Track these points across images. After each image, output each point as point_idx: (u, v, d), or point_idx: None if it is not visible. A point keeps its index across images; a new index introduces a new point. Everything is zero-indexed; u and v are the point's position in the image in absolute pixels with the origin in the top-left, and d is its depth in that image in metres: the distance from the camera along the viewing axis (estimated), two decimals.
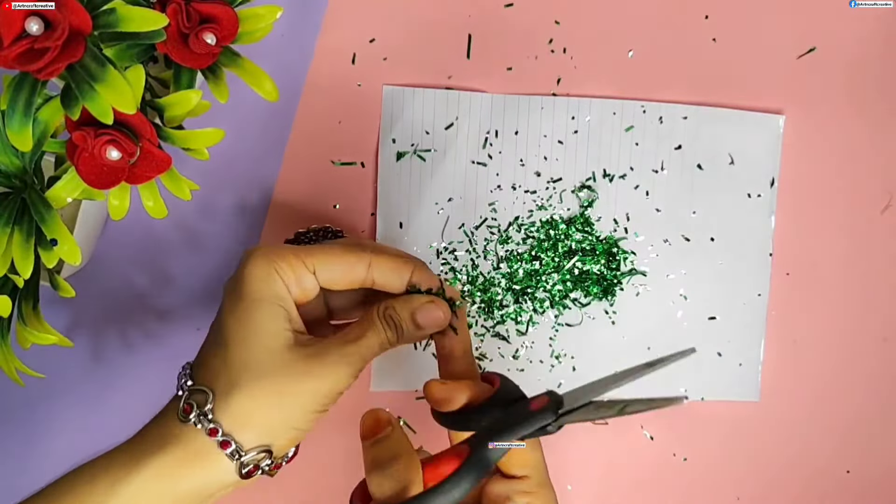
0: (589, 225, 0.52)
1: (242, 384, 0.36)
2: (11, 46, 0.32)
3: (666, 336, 0.52)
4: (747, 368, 0.53)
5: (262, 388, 0.36)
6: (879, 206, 0.54)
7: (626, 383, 0.37)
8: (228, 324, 0.37)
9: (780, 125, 0.52)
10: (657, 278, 0.52)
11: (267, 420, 0.36)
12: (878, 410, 0.54)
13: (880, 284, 0.54)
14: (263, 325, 0.37)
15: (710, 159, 0.52)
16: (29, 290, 0.41)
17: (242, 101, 0.46)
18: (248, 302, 0.37)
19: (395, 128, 0.51)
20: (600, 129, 0.52)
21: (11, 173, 0.39)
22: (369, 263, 0.40)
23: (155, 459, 0.35)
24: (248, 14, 0.39)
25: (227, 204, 0.52)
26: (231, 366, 0.36)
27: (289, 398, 0.36)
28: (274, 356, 0.37)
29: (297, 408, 0.37)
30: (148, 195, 0.39)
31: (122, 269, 0.51)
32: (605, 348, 0.52)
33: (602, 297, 0.52)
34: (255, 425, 0.36)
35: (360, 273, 0.40)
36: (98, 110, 0.34)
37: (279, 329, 0.37)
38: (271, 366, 0.36)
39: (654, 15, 0.52)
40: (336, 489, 0.52)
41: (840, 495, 0.54)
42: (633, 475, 0.53)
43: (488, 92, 0.51)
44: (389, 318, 0.40)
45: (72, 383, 0.51)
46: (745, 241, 0.53)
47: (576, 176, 0.52)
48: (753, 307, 0.53)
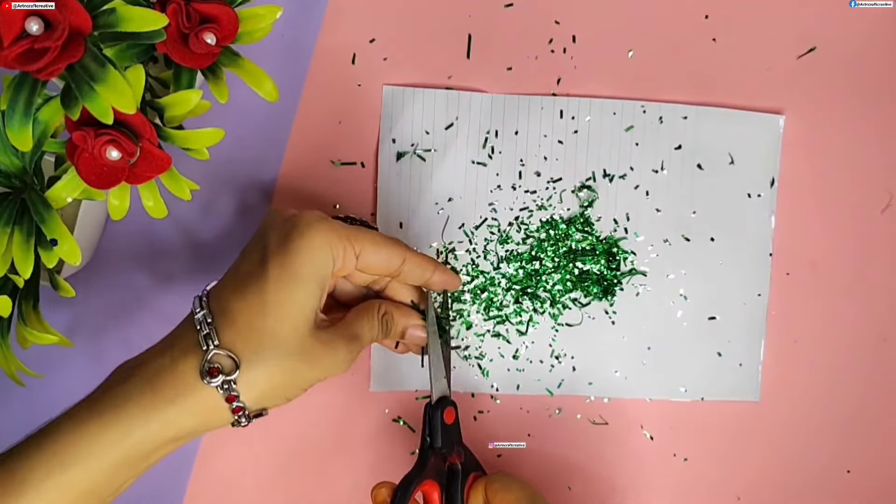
0: (589, 225, 0.52)
1: (268, 360, 0.38)
2: (11, 46, 0.32)
3: (666, 336, 0.52)
4: (747, 369, 0.53)
5: (282, 367, 0.38)
6: (880, 205, 0.54)
7: None
8: (272, 292, 0.39)
9: (780, 125, 0.52)
10: (657, 278, 0.52)
11: (271, 389, 0.39)
12: (879, 410, 0.54)
13: (880, 284, 0.54)
14: (303, 305, 0.39)
15: (710, 159, 0.52)
16: (29, 290, 0.41)
17: (242, 101, 0.46)
18: (298, 281, 0.39)
19: (395, 128, 0.51)
20: (600, 129, 0.52)
21: (11, 173, 0.39)
22: (404, 259, 0.43)
23: (169, 411, 0.37)
24: (248, 14, 0.39)
25: (227, 204, 0.52)
26: (262, 337, 0.38)
27: (299, 378, 0.39)
28: (299, 339, 0.39)
29: (298, 387, 0.40)
30: (148, 195, 0.39)
31: (122, 269, 0.51)
32: (605, 348, 0.52)
33: (602, 297, 0.52)
34: (260, 392, 0.38)
35: (395, 264, 0.43)
36: (98, 110, 0.34)
37: (312, 311, 0.40)
38: (295, 347, 0.39)
39: (655, 15, 0.52)
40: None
41: (840, 495, 0.54)
42: (633, 475, 0.53)
43: (488, 92, 0.51)
44: (385, 323, 0.44)
45: (72, 383, 0.51)
46: (745, 241, 0.53)
47: (576, 176, 0.52)
48: (753, 307, 0.53)
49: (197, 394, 0.37)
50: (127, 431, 0.36)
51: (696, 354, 0.53)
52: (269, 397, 0.39)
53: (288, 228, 0.40)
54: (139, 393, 0.37)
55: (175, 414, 0.37)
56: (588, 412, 0.53)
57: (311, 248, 0.39)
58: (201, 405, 0.37)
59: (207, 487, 0.51)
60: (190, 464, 0.51)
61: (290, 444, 0.52)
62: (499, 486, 0.44)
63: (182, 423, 0.37)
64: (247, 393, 0.38)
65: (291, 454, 0.52)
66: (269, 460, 0.52)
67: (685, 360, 0.53)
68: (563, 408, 0.53)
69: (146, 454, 0.37)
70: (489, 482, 0.45)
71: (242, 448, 0.51)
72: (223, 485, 0.51)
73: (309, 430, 0.52)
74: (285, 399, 0.40)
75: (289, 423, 0.51)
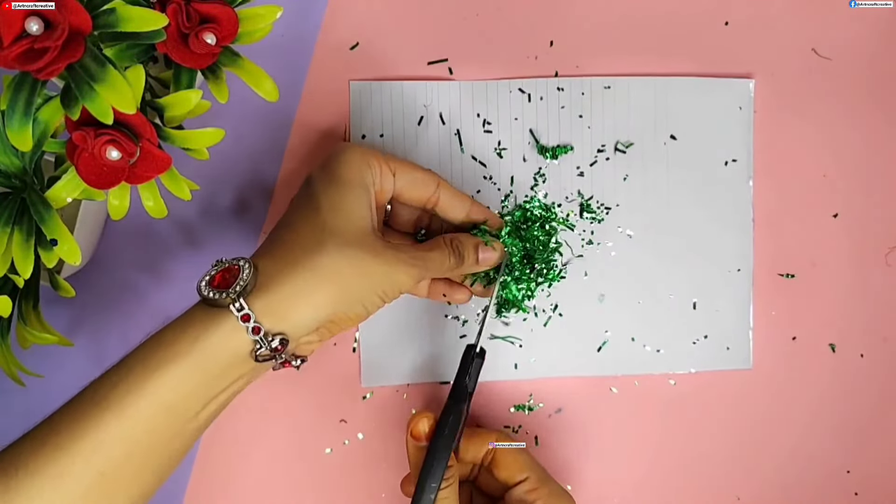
0: (549, 210, 0.51)
1: (332, 252, 0.38)
2: (11, 46, 0.32)
3: (651, 315, 0.52)
4: (736, 339, 0.53)
5: (347, 258, 0.38)
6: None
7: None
8: (321, 198, 0.40)
9: (750, 89, 0.52)
10: (639, 252, 0.52)
11: (342, 290, 0.38)
12: (879, 410, 0.54)
13: (880, 284, 0.54)
14: (356, 204, 0.40)
15: (682, 128, 0.52)
16: (29, 290, 0.41)
17: (242, 101, 0.46)
18: (343, 183, 0.41)
19: (363, 123, 0.51)
20: (570, 108, 0.52)
21: (11, 173, 0.39)
22: (438, 184, 0.45)
23: (224, 326, 0.37)
24: (248, 14, 0.39)
25: (227, 204, 0.52)
26: (323, 233, 0.39)
27: (368, 272, 0.39)
28: (360, 232, 0.40)
29: (364, 288, 0.39)
30: (148, 195, 0.39)
31: (122, 269, 0.51)
32: (588, 331, 0.52)
33: (545, 278, 0.51)
34: (330, 296, 0.38)
35: (430, 189, 0.45)
36: (98, 110, 0.34)
37: (367, 213, 0.41)
38: (356, 238, 0.39)
39: (665, 21, 0.52)
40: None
41: (840, 495, 0.54)
42: (633, 476, 0.53)
43: (458, 80, 0.51)
44: (456, 248, 0.44)
45: (72, 383, 0.50)
46: (724, 208, 0.52)
47: (548, 158, 0.52)
48: (740, 274, 0.53)
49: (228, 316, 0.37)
50: (196, 338, 0.36)
51: (682, 328, 0.52)
52: (343, 301, 0.38)
53: (326, 159, 0.43)
54: (203, 311, 0.38)
55: (230, 329, 0.37)
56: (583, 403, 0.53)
57: (350, 161, 0.42)
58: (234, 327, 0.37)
59: (208, 487, 0.51)
60: (190, 464, 0.51)
61: (290, 444, 0.52)
62: (507, 447, 0.46)
63: (238, 340, 0.37)
64: (317, 298, 0.37)
65: (291, 454, 0.52)
66: (268, 460, 0.52)
67: (677, 343, 0.53)
68: (563, 408, 0.53)
69: (219, 372, 0.37)
70: (496, 438, 0.47)
71: (242, 448, 0.51)
72: (223, 485, 0.51)
73: (308, 429, 0.52)
74: (361, 305, 0.39)
75: (289, 423, 0.51)
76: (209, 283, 0.38)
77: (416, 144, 0.51)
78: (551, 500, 0.45)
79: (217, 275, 0.38)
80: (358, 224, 0.40)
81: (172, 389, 0.36)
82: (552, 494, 0.46)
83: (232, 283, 0.37)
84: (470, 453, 0.47)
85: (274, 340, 0.37)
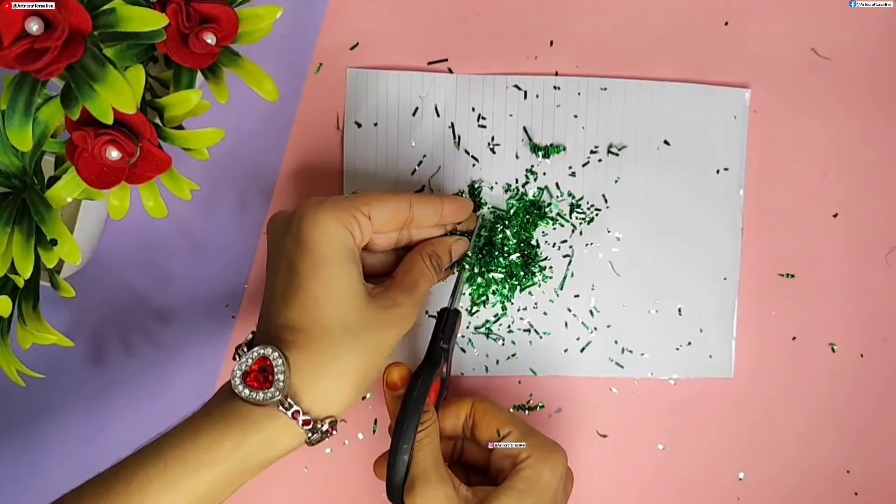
0: (539, 208, 0.51)
1: (344, 344, 0.38)
2: (11, 46, 0.32)
3: (636, 320, 0.52)
4: (720, 347, 0.53)
5: (360, 345, 0.39)
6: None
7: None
8: (312, 287, 0.39)
9: (746, 99, 0.52)
10: (627, 257, 0.52)
11: (361, 372, 0.39)
12: (879, 410, 0.54)
13: (880, 284, 0.54)
14: (346, 282, 0.40)
15: (676, 135, 0.52)
16: (29, 290, 0.41)
17: (242, 101, 0.46)
18: (328, 263, 0.39)
19: (358, 111, 0.51)
20: (565, 108, 0.52)
21: (11, 173, 0.39)
22: (410, 202, 0.44)
23: (269, 427, 0.38)
24: (248, 14, 0.39)
25: (227, 204, 0.52)
26: (328, 328, 0.39)
27: (379, 346, 0.40)
28: (360, 312, 0.39)
29: (381, 355, 0.40)
30: (148, 195, 0.39)
31: (123, 270, 0.51)
32: (572, 332, 0.52)
33: (526, 271, 0.51)
34: (353, 380, 0.39)
35: (405, 211, 0.44)
36: (98, 110, 0.34)
37: (358, 284, 0.40)
38: (360, 321, 0.39)
39: (665, 19, 0.52)
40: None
41: (840, 495, 0.54)
42: (634, 477, 0.53)
43: (457, 73, 0.51)
44: (435, 264, 0.45)
45: (72, 383, 0.51)
46: (715, 214, 0.52)
47: (540, 156, 0.51)
48: (725, 283, 0.52)
49: (277, 417, 0.38)
50: (241, 441, 0.37)
51: (666, 334, 0.52)
52: (372, 369, 0.40)
53: (296, 226, 0.40)
54: (244, 409, 0.38)
55: (277, 428, 0.38)
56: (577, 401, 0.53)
57: (326, 231, 0.40)
58: (281, 426, 0.38)
59: None
60: None
61: None
62: (486, 407, 0.46)
63: (289, 436, 0.38)
64: (339, 388, 0.39)
65: (291, 454, 0.52)
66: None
67: (664, 348, 0.52)
68: (563, 408, 0.53)
69: (256, 466, 0.38)
70: (476, 402, 0.47)
71: None
72: None
73: None
74: (377, 372, 0.41)
75: None
76: (243, 379, 0.38)
77: (410, 135, 0.51)
78: (537, 452, 0.44)
79: (250, 371, 0.38)
80: (356, 302, 0.40)
81: (208, 486, 0.37)
82: (538, 446, 0.44)
83: (263, 377, 0.38)
84: (449, 422, 0.46)
85: (324, 425, 0.39)
